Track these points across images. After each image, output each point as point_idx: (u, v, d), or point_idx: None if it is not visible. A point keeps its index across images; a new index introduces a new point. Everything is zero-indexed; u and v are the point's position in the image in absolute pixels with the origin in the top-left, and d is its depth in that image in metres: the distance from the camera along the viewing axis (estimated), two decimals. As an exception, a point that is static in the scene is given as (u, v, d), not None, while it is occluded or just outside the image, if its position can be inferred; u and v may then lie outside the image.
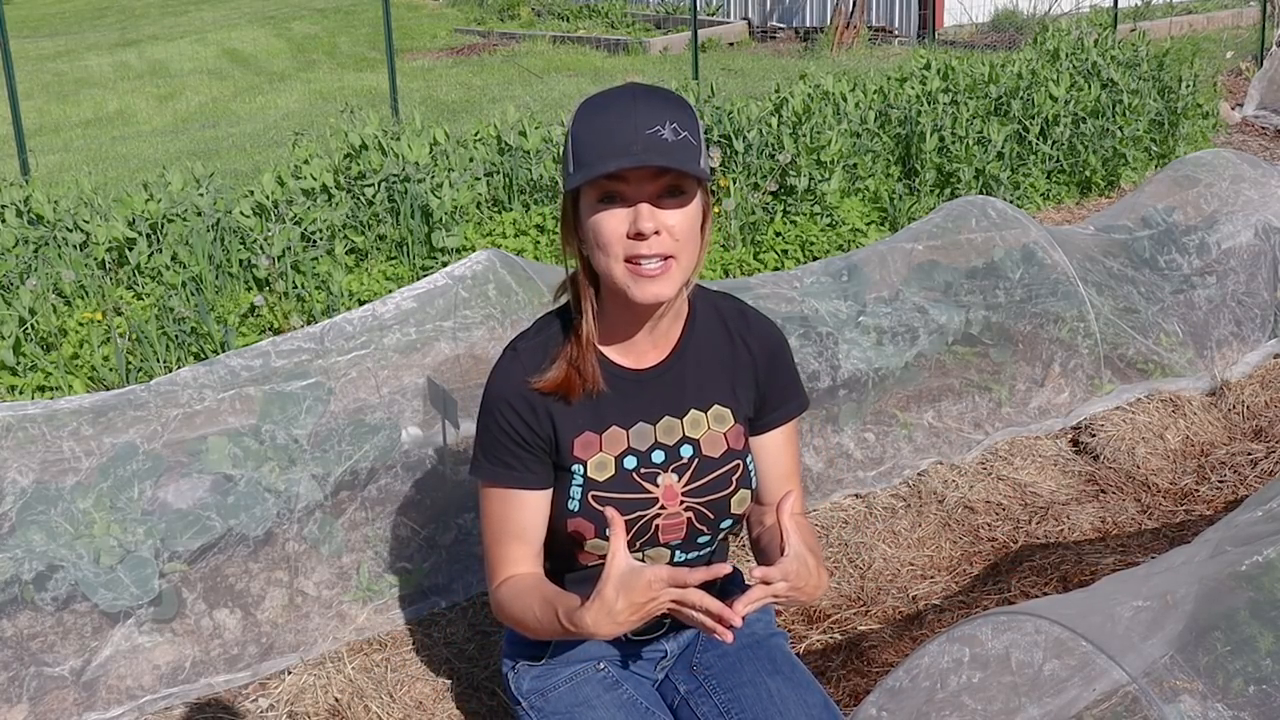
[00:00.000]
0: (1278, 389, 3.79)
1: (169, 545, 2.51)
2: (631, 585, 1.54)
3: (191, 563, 2.54)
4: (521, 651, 1.93)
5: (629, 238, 1.59)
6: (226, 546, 2.57)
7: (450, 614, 2.75)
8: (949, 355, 3.50)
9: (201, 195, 4.75)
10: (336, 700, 2.46)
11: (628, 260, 1.60)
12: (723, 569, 1.59)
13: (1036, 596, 2.76)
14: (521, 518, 1.77)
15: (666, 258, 1.60)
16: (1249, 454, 3.43)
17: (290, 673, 2.54)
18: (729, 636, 1.55)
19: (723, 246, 4.99)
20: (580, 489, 1.74)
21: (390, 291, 4.08)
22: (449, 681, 2.55)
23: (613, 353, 1.77)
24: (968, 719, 1.74)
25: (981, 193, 5.86)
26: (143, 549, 2.47)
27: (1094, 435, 3.51)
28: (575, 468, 1.75)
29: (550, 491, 1.78)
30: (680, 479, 1.77)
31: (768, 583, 1.56)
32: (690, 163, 1.57)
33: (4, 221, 4.61)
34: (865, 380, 3.32)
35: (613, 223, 1.59)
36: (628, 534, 1.75)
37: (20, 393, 3.82)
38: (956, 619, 2.70)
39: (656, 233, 1.58)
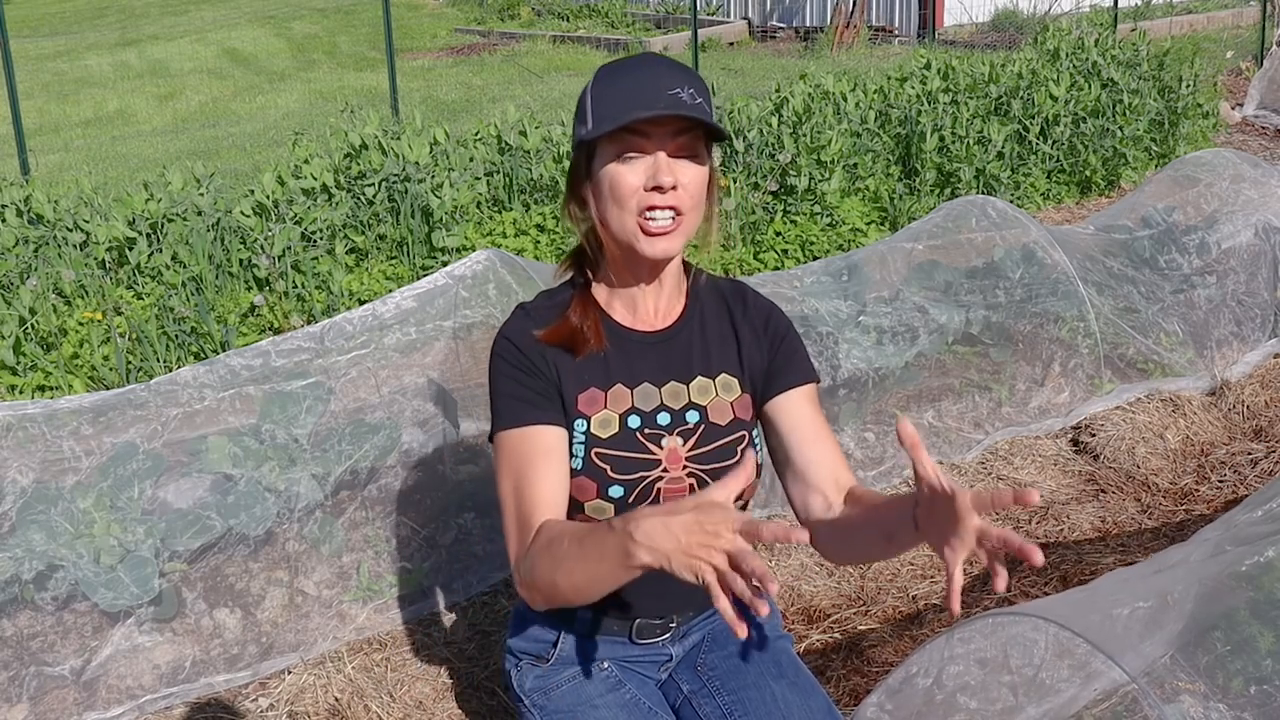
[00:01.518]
0: (1278, 389, 3.79)
1: (169, 545, 2.51)
2: (708, 510, 1.34)
3: (191, 562, 2.54)
4: (526, 650, 1.94)
5: (645, 190, 1.64)
6: (226, 546, 2.57)
7: (450, 614, 2.76)
8: (949, 355, 3.50)
9: (201, 195, 4.76)
10: (336, 700, 2.46)
11: (640, 214, 1.64)
12: (801, 534, 1.29)
13: (1036, 596, 2.76)
14: (540, 471, 1.67)
15: (677, 214, 1.65)
16: (1249, 454, 3.43)
17: (290, 672, 2.54)
18: (741, 632, 1.32)
19: (723, 246, 4.99)
20: (583, 446, 1.74)
21: (390, 291, 4.08)
22: (449, 681, 2.55)
23: (620, 314, 1.80)
24: (967, 718, 1.74)
25: (981, 192, 5.86)
26: (143, 548, 2.47)
27: (1094, 435, 3.51)
28: (578, 422, 1.75)
29: (566, 437, 1.73)
30: (685, 443, 1.77)
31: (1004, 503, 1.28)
32: (708, 118, 1.63)
33: (4, 221, 4.61)
34: (865, 380, 3.32)
35: (630, 175, 1.64)
36: (629, 496, 1.73)
37: (20, 392, 3.82)
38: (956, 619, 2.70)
39: (674, 186, 1.63)
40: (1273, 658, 1.69)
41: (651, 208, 1.64)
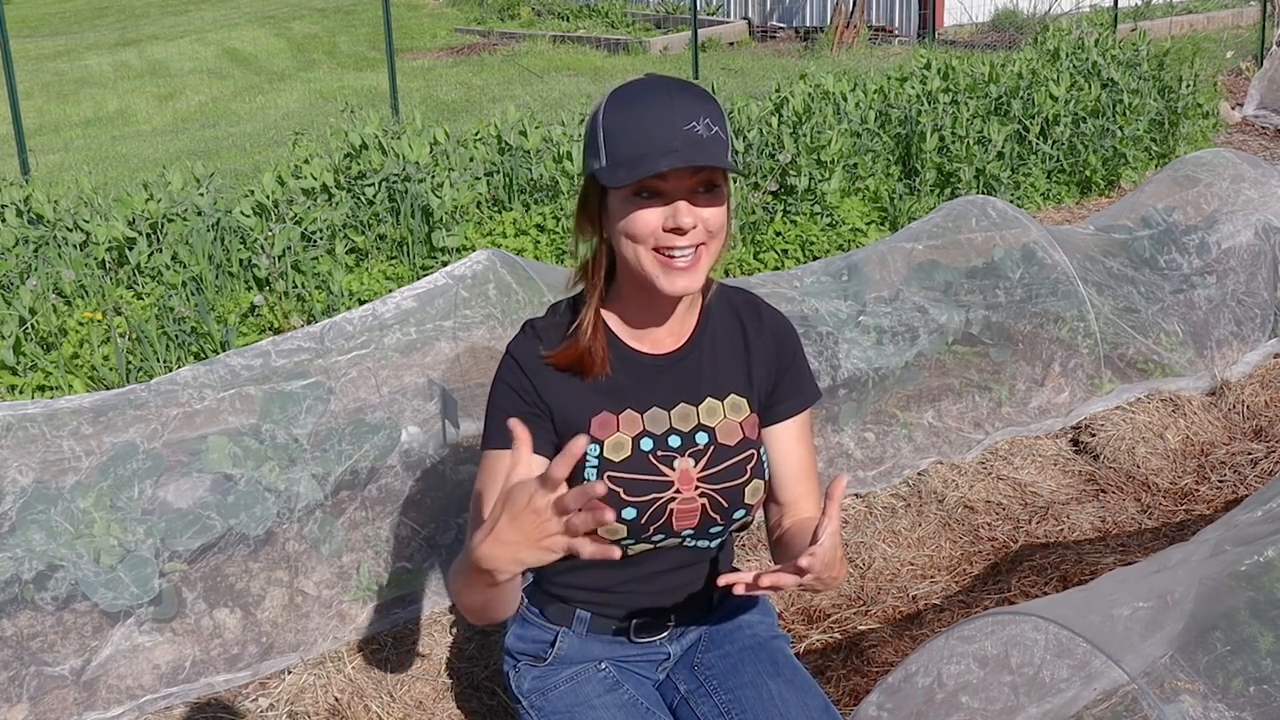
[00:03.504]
0: (1278, 389, 3.79)
1: (169, 545, 2.51)
2: (514, 501, 1.37)
3: (191, 562, 2.54)
4: (524, 651, 1.94)
5: (665, 231, 1.62)
6: (226, 546, 2.57)
7: (450, 614, 2.76)
8: (949, 355, 3.50)
9: (201, 195, 4.75)
10: (336, 700, 2.46)
11: (658, 250, 1.63)
12: (597, 488, 1.31)
13: (1036, 596, 2.76)
14: (492, 496, 1.71)
15: (698, 246, 1.64)
16: (1249, 454, 3.43)
17: (290, 672, 2.54)
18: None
19: (723, 246, 4.98)
20: (595, 470, 1.74)
21: (390, 291, 4.08)
22: (449, 681, 2.55)
23: (629, 338, 1.79)
24: (967, 718, 1.74)
25: (981, 192, 5.86)
26: (143, 548, 2.47)
27: (1094, 435, 3.51)
28: (591, 446, 1.75)
29: (540, 464, 1.74)
30: (696, 464, 1.77)
31: (800, 573, 1.50)
32: (724, 158, 1.61)
33: (4, 221, 4.61)
34: (865, 380, 3.32)
35: (650, 217, 1.62)
36: (641, 518, 1.74)
37: (20, 392, 3.82)
38: (956, 618, 2.70)
39: (694, 226, 1.62)
40: (1272, 658, 1.69)
41: (672, 246, 1.62)
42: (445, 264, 4.65)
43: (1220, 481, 3.30)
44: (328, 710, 2.44)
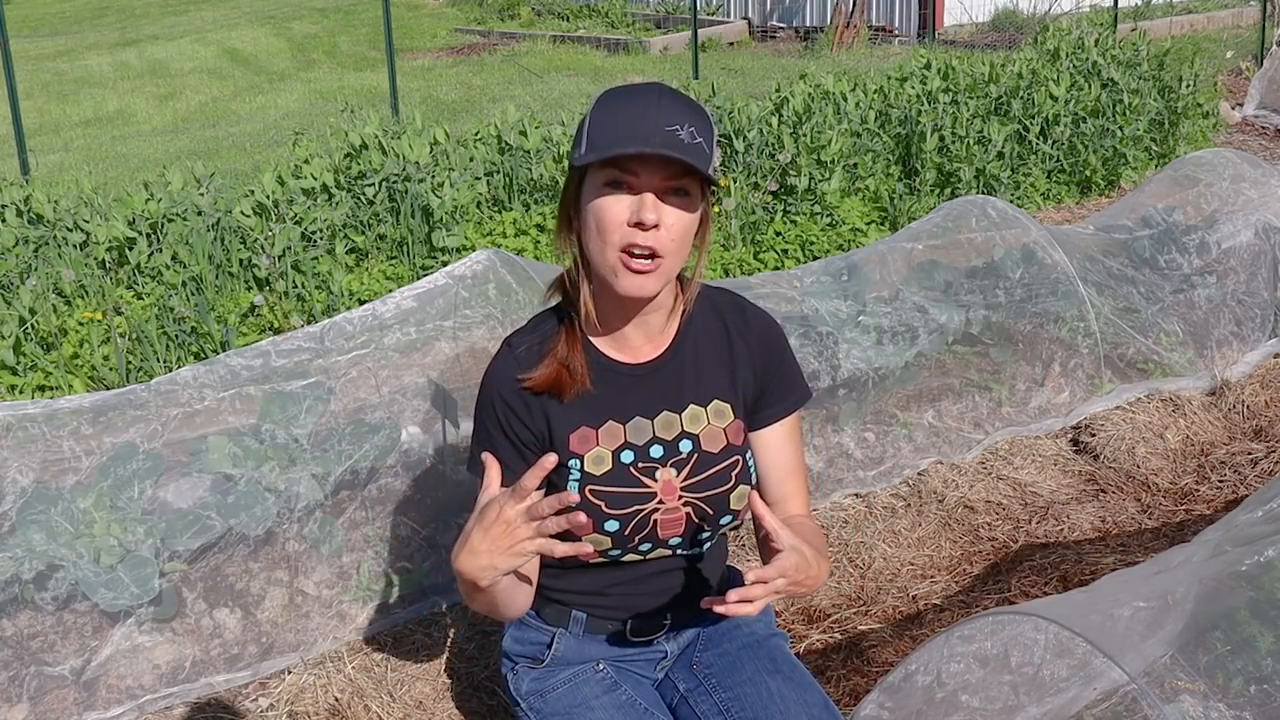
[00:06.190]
0: (1278, 389, 3.79)
1: (169, 545, 2.51)
2: (486, 516, 1.52)
3: (191, 562, 2.54)
4: (521, 653, 1.94)
5: (629, 225, 1.61)
6: (226, 546, 2.57)
7: (450, 614, 2.76)
8: (949, 355, 3.50)
9: (202, 195, 4.76)
10: (336, 700, 2.46)
11: (622, 249, 1.62)
12: (570, 497, 1.47)
13: (1036, 596, 2.76)
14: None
15: (655, 256, 1.62)
16: (1249, 454, 3.43)
17: (290, 672, 2.54)
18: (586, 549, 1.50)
19: (723, 246, 4.99)
20: (577, 484, 1.74)
21: (390, 291, 4.08)
22: (449, 681, 2.55)
23: (608, 347, 1.77)
24: (967, 718, 1.75)
25: (982, 192, 5.86)
26: (143, 548, 2.47)
27: (1094, 435, 3.51)
28: (571, 462, 1.75)
29: (540, 493, 1.78)
30: (679, 474, 1.77)
31: (764, 582, 1.54)
32: (701, 164, 1.59)
33: (4, 221, 4.61)
34: (865, 380, 3.32)
35: (616, 208, 1.61)
36: (625, 529, 1.74)
37: (20, 392, 3.82)
38: (956, 618, 2.70)
39: (656, 225, 1.60)
40: (1273, 657, 1.69)
41: (633, 245, 1.61)
42: (445, 264, 4.66)
43: (1220, 481, 3.30)
44: (328, 710, 2.44)
